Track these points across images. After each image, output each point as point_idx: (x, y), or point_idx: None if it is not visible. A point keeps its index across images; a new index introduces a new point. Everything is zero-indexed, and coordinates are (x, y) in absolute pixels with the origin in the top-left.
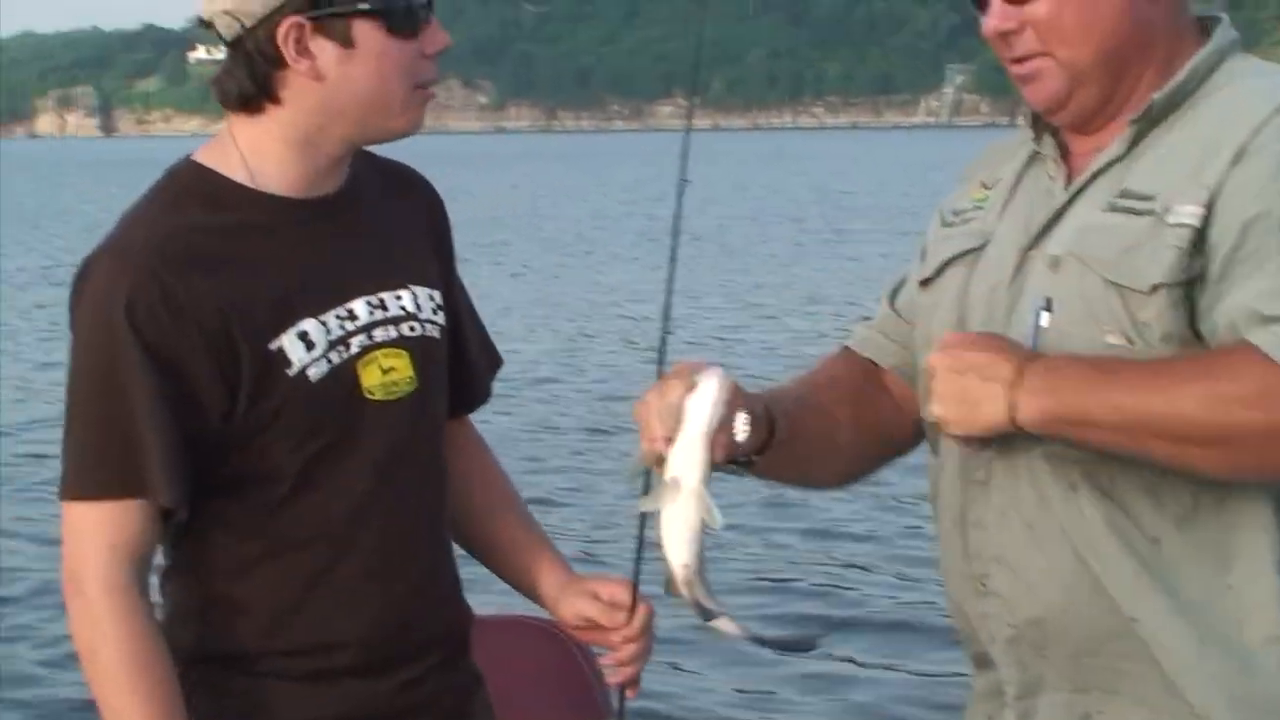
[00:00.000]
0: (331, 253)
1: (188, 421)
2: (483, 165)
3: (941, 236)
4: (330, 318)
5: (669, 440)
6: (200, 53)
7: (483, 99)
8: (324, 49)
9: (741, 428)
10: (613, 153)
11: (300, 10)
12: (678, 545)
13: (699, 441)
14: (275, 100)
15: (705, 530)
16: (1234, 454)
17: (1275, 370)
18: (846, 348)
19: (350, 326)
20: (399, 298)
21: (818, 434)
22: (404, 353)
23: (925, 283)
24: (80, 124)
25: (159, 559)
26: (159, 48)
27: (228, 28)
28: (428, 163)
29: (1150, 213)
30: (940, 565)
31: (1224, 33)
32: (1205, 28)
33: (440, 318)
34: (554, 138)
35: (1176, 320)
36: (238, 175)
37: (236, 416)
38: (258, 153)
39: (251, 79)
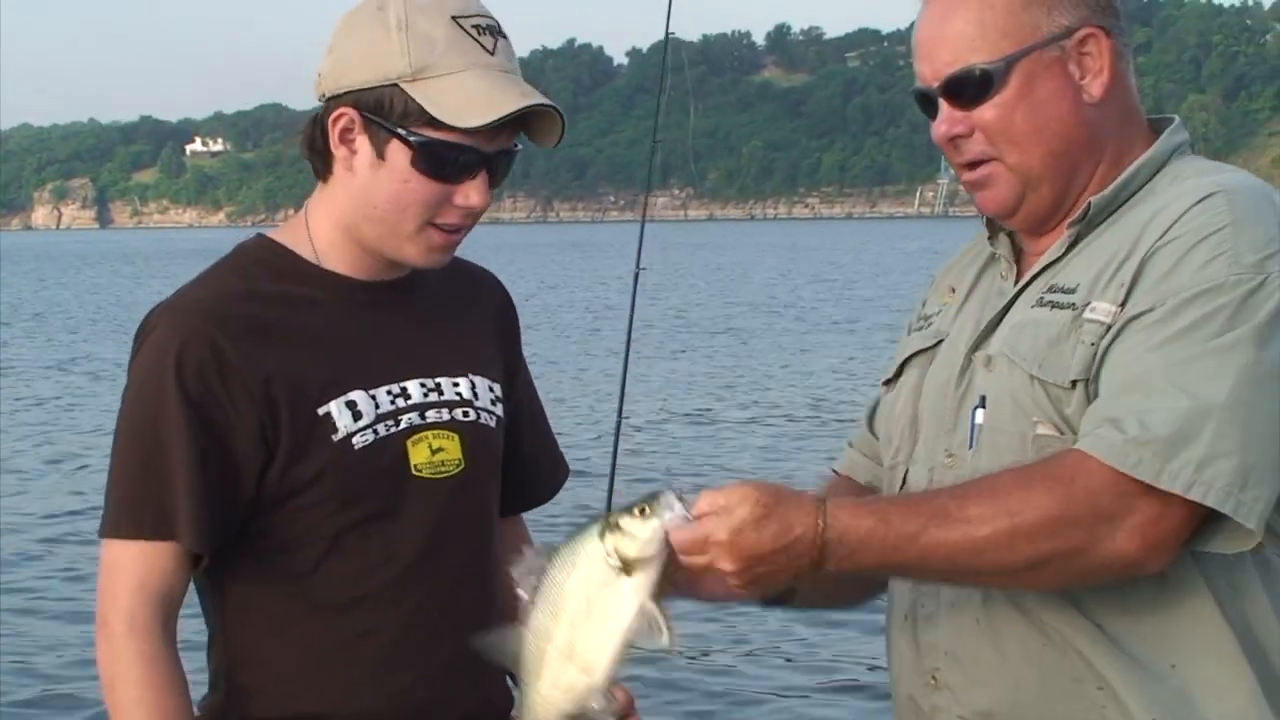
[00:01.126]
0: (389, 334)
1: (224, 474)
2: (479, 256)
3: (907, 340)
4: (381, 393)
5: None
6: (197, 145)
7: None
8: (363, 149)
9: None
10: (604, 243)
11: (359, 106)
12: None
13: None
14: (328, 174)
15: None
16: (1030, 579)
17: (1090, 476)
18: (834, 472)
19: (401, 404)
20: (456, 384)
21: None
22: (455, 435)
23: (887, 382)
24: (76, 216)
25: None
26: (156, 140)
27: (315, 88)
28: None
29: (1071, 306)
30: (889, 659)
31: (1171, 136)
32: (1158, 130)
33: (499, 409)
34: (549, 228)
35: None
36: (304, 252)
37: (276, 474)
38: (322, 233)
39: (310, 142)
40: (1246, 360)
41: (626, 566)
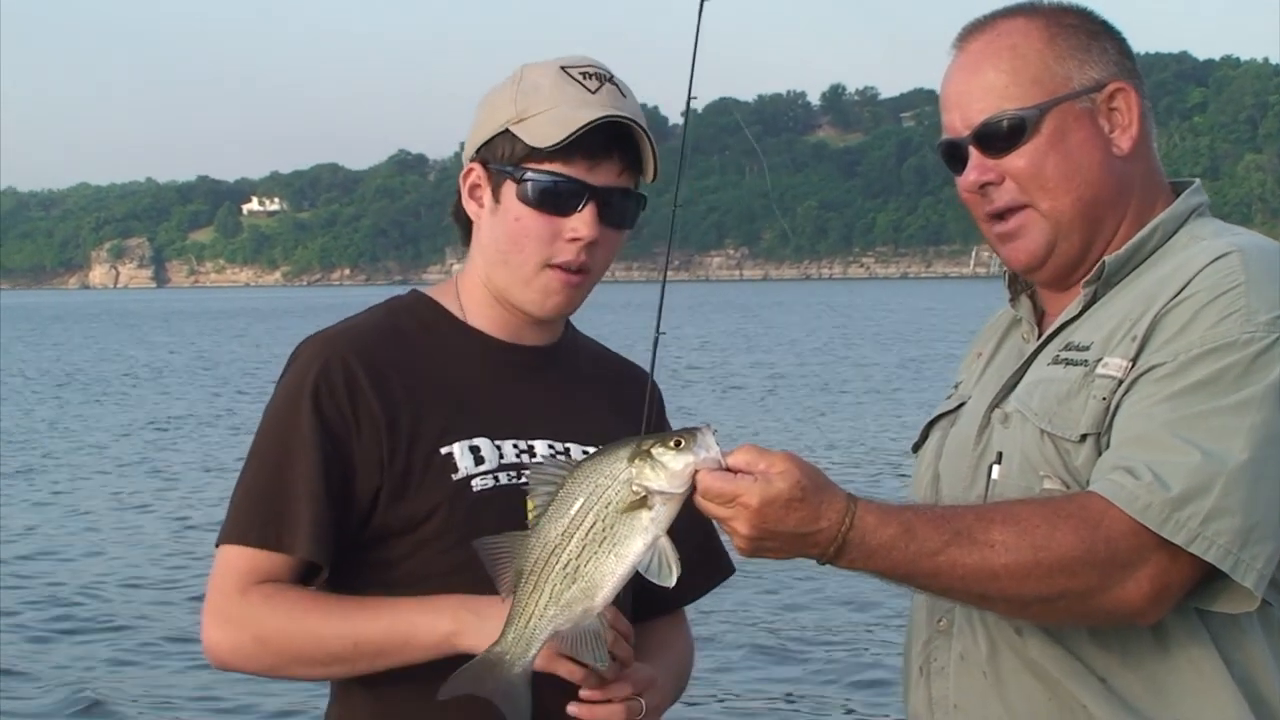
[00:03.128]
0: (525, 393)
1: (343, 493)
2: None
3: (936, 407)
4: (507, 444)
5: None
6: (254, 204)
7: None
8: (487, 199)
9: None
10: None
11: (482, 160)
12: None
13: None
14: (469, 236)
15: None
16: (1035, 613)
17: (1112, 523)
18: None
19: (527, 459)
20: (586, 452)
21: None
22: None
23: (915, 447)
24: (133, 275)
25: None
26: (213, 200)
27: (464, 154)
28: None
29: (1084, 363)
30: (906, 714)
31: (1190, 197)
32: (1178, 192)
33: None
34: (606, 288)
35: None
36: (453, 308)
37: (393, 503)
38: (467, 290)
39: (456, 212)
40: (1257, 420)
41: (649, 496)
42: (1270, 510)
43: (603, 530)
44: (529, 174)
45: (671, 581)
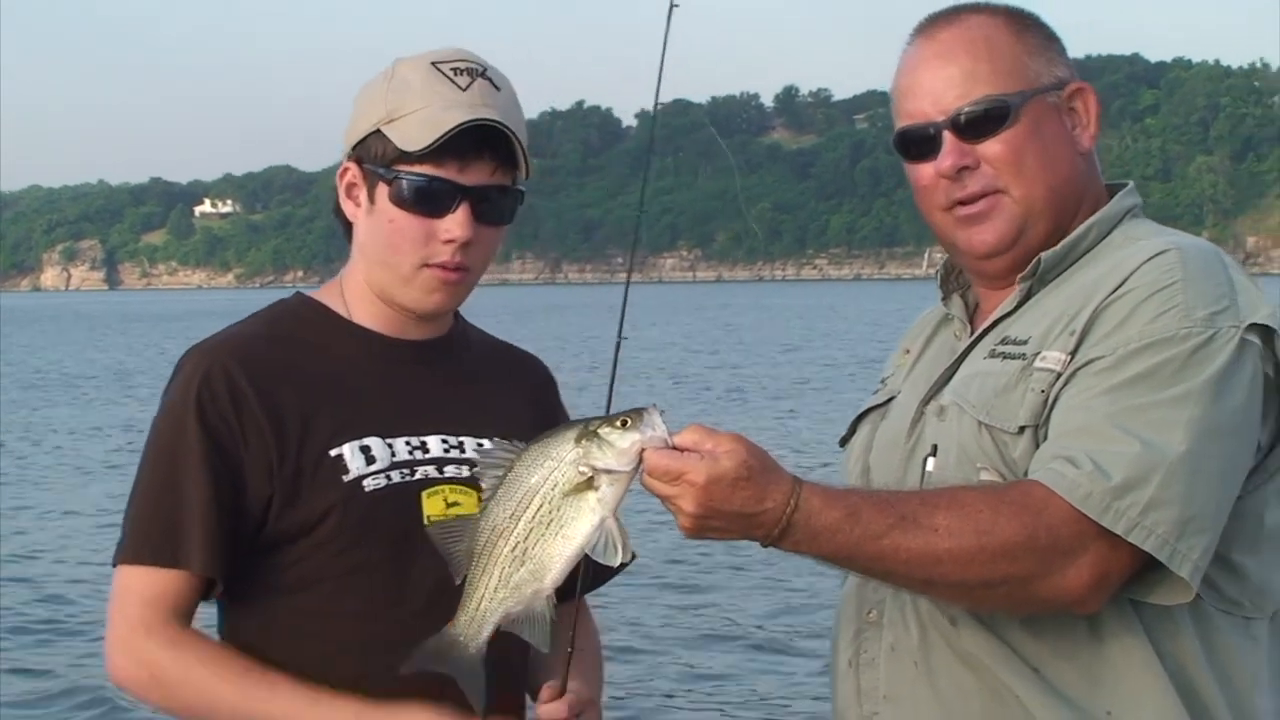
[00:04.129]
0: (415, 389)
1: (235, 504)
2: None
3: (864, 401)
4: (399, 442)
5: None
6: (206, 206)
7: None
8: (362, 199)
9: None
10: (611, 304)
11: (358, 159)
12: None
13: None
14: (350, 234)
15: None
16: (977, 598)
17: (1054, 511)
18: None
19: (419, 456)
20: (480, 444)
21: None
22: (473, 492)
23: (843, 441)
24: (85, 277)
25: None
26: (165, 201)
27: (342, 150)
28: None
29: (1022, 356)
30: (833, 706)
31: (1125, 198)
32: (1113, 194)
33: None
34: (558, 289)
35: None
36: (338, 308)
37: (285, 510)
38: (352, 290)
39: (336, 210)
40: (1196, 413)
41: (596, 477)
42: (1207, 503)
43: (550, 512)
44: (401, 176)
45: (617, 562)
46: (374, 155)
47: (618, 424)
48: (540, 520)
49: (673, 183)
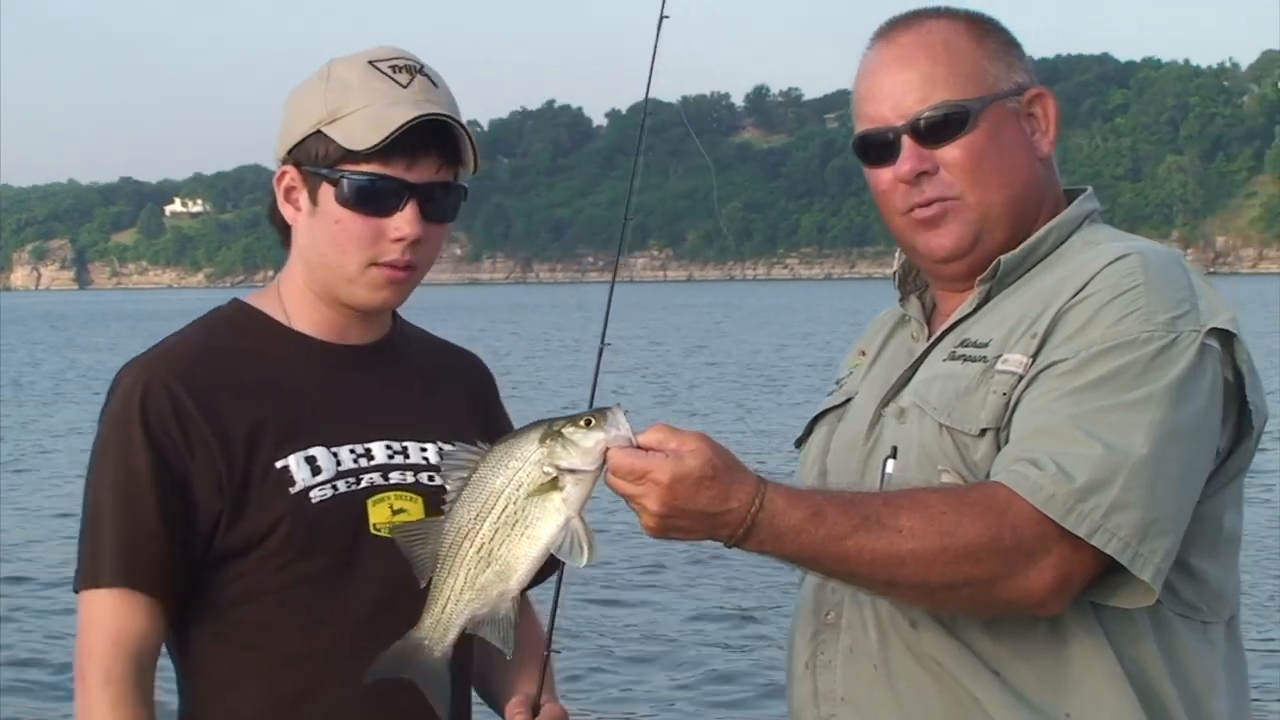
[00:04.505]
0: (357, 395)
1: (187, 524)
2: (457, 316)
3: (820, 403)
4: (344, 450)
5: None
6: (177, 205)
7: (458, 251)
8: (303, 201)
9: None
10: (584, 304)
11: (296, 162)
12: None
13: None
14: (287, 240)
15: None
16: (939, 600)
17: (1018, 512)
18: None
19: (364, 464)
20: (423, 449)
21: None
22: (418, 498)
23: (798, 442)
24: (55, 277)
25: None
26: (135, 201)
27: (275, 154)
28: (413, 314)
29: (982, 359)
30: (789, 708)
31: (1084, 203)
32: (1071, 198)
33: None
34: (529, 289)
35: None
36: (276, 314)
37: (233, 524)
38: (290, 295)
39: (272, 213)
40: (1158, 416)
41: (560, 477)
42: (1168, 506)
43: (515, 513)
44: (346, 176)
45: (582, 562)
46: (314, 156)
47: (581, 423)
48: (505, 521)
49: (643, 182)
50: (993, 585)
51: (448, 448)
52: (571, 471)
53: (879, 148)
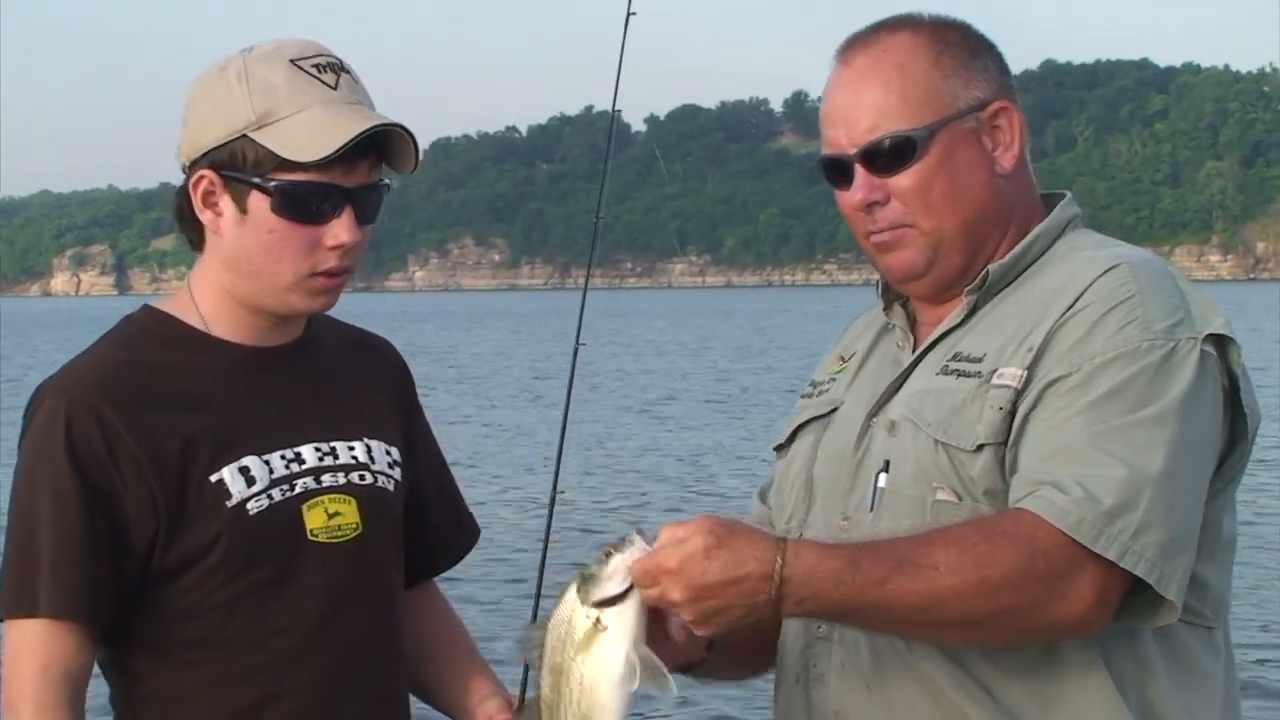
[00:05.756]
0: (282, 399)
1: (118, 547)
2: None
3: (800, 407)
4: (275, 457)
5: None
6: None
7: (496, 257)
8: (227, 208)
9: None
10: (624, 310)
11: (214, 166)
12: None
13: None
14: (201, 243)
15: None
16: (985, 633)
17: (1045, 536)
18: None
19: (296, 469)
20: (351, 448)
21: (750, 629)
22: (351, 499)
23: (779, 449)
24: (95, 282)
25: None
26: None
27: (176, 159)
28: (448, 319)
29: (977, 374)
30: None
31: (1065, 209)
32: (1049, 203)
33: (396, 473)
34: (567, 294)
35: (1000, 477)
36: (192, 320)
37: (171, 544)
38: (206, 301)
39: (179, 214)
40: (1172, 433)
41: (601, 616)
42: (1185, 521)
43: (581, 672)
44: (283, 185)
45: (671, 687)
46: (242, 163)
47: (602, 557)
48: (576, 683)
49: (681, 188)
50: (1034, 612)
51: (356, 448)
52: (607, 604)
53: (835, 173)
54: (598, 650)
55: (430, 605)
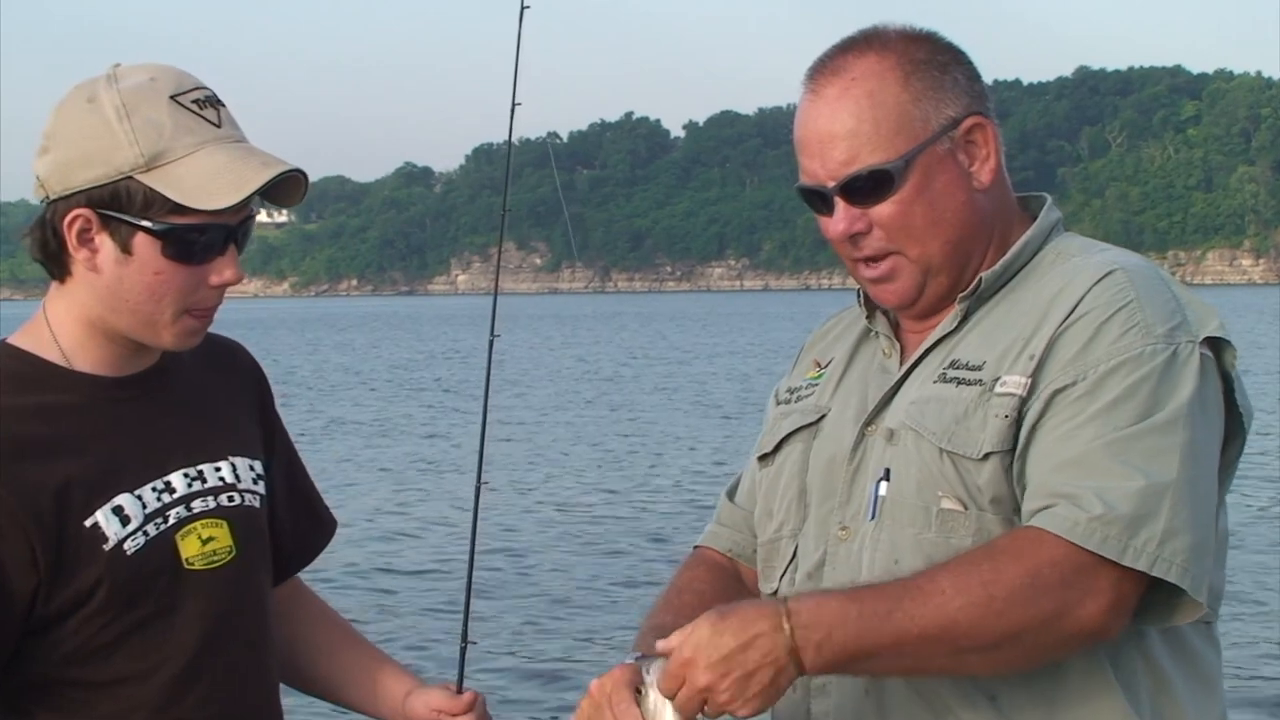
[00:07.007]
0: (147, 428)
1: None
2: (538, 325)
3: (779, 414)
4: (147, 491)
5: None
6: (261, 216)
7: (538, 261)
8: (106, 247)
9: None
10: (663, 313)
11: (93, 204)
12: None
13: None
14: (66, 276)
15: None
16: (1007, 655)
17: (1051, 548)
18: (695, 547)
19: (167, 499)
20: (218, 469)
21: None
22: (223, 522)
23: (764, 458)
24: None
25: None
26: None
27: (37, 191)
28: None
29: (978, 382)
30: None
31: (1049, 213)
32: (1027, 205)
33: (260, 487)
34: (607, 298)
35: (1006, 485)
36: (51, 355)
37: (53, 594)
38: (65, 333)
39: (43, 248)
40: (1184, 438)
41: None
42: (1206, 524)
43: None
44: (172, 228)
45: None
46: (126, 203)
47: (635, 700)
48: None
49: (719, 193)
50: (1052, 624)
51: (223, 468)
52: None
53: (815, 202)
54: None
55: (301, 602)
